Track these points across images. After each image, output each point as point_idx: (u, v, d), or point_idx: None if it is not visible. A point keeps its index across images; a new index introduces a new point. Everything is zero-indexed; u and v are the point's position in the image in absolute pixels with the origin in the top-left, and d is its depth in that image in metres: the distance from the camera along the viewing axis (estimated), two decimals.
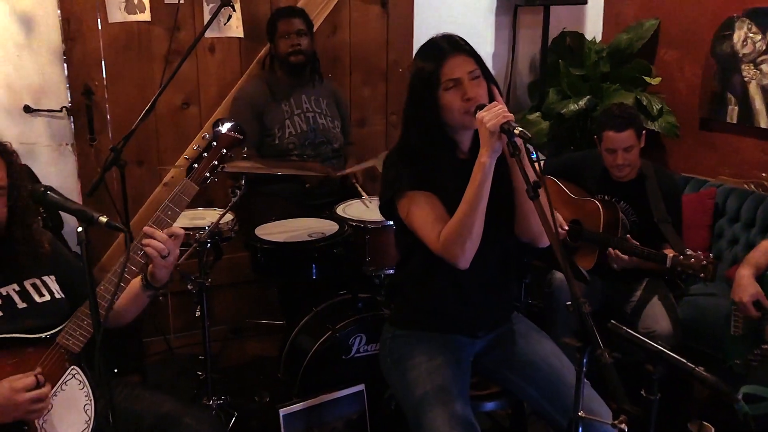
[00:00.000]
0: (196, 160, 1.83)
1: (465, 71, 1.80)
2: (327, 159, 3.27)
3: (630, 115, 2.80)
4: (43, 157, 3.21)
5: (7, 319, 1.70)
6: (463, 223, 1.74)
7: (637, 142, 2.78)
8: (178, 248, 1.76)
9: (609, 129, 2.77)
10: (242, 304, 3.77)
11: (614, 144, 2.77)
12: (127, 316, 1.89)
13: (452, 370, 1.88)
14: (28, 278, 1.80)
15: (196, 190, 1.82)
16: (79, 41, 3.13)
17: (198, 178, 1.82)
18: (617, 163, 2.80)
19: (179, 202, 1.78)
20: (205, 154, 1.84)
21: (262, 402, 2.88)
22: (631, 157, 2.79)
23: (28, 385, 1.59)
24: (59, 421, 1.67)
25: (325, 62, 3.59)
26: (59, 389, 1.69)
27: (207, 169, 1.83)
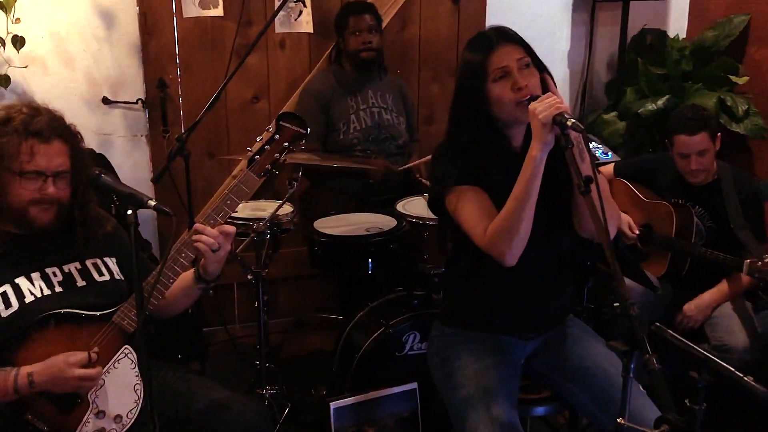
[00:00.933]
0: (258, 152, 1.85)
1: (514, 59, 1.73)
2: (391, 155, 3.25)
3: (703, 117, 2.63)
4: (119, 147, 3.33)
5: (66, 295, 1.77)
6: (511, 218, 1.67)
7: (711, 146, 2.62)
8: (229, 244, 1.79)
9: (681, 132, 2.62)
10: (305, 298, 3.81)
11: (687, 148, 2.63)
12: (178, 306, 1.93)
13: (500, 372, 1.82)
14: (90, 258, 1.86)
15: (257, 182, 1.84)
16: (155, 35, 3.23)
17: (259, 170, 1.84)
18: (691, 168, 2.65)
19: (239, 192, 1.81)
20: (267, 146, 1.86)
21: (318, 395, 2.89)
22: (705, 161, 2.63)
23: (81, 360, 1.64)
24: (111, 397, 1.72)
25: (394, 58, 3.57)
26: (112, 367, 1.73)
27: (268, 162, 1.85)
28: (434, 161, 1.91)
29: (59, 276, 1.80)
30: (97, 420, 1.71)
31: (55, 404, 1.67)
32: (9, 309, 1.69)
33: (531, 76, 1.74)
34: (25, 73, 3.08)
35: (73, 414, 1.69)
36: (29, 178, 1.70)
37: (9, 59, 2.98)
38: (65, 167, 1.76)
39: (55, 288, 1.77)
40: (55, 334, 1.70)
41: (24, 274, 1.75)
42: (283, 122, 1.86)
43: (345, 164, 2.97)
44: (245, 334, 3.56)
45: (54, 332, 1.70)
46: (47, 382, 1.62)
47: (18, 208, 1.72)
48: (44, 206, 1.74)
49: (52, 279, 1.78)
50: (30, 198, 1.71)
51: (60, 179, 1.75)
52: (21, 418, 1.65)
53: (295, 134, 1.87)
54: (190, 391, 1.89)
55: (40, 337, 1.68)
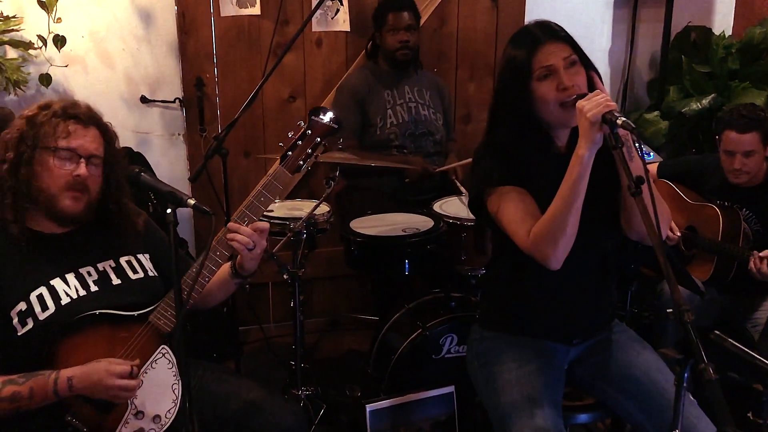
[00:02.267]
0: (291, 148, 1.82)
1: (560, 57, 1.67)
2: (428, 153, 3.21)
3: (757, 118, 2.54)
4: (156, 145, 3.35)
5: (102, 294, 1.76)
6: (556, 219, 1.62)
7: (761, 148, 2.53)
8: (264, 241, 1.78)
9: (730, 129, 2.54)
10: (341, 298, 3.79)
11: (734, 146, 2.54)
12: (215, 299, 1.93)
13: (544, 377, 1.77)
14: (123, 255, 1.86)
15: (289, 178, 1.81)
16: (192, 34, 3.24)
17: (291, 166, 1.81)
18: (734, 168, 2.57)
19: (272, 189, 1.78)
20: (299, 142, 1.83)
21: (353, 396, 2.86)
22: (750, 163, 2.54)
23: (123, 372, 1.63)
24: (149, 397, 1.71)
25: (431, 56, 3.54)
26: (149, 367, 1.72)
27: (301, 158, 1.81)
28: (475, 161, 1.86)
29: (94, 275, 1.79)
30: (136, 420, 1.70)
31: (94, 405, 1.66)
32: (46, 312, 1.68)
33: (577, 74, 1.68)
34: (66, 72, 3.12)
35: (112, 415, 1.68)
36: (62, 157, 1.70)
37: (50, 58, 3.02)
38: (99, 153, 1.76)
39: (90, 288, 1.76)
40: (93, 336, 1.69)
41: (59, 275, 1.74)
42: (315, 117, 1.83)
43: (382, 163, 2.94)
44: (280, 333, 3.56)
45: (91, 334, 1.69)
46: (86, 388, 1.62)
47: (50, 194, 1.70)
48: (75, 194, 1.72)
49: (87, 279, 1.77)
50: (63, 182, 1.70)
51: (93, 165, 1.75)
52: (61, 418, 1.64)
53: (328, 129, 1.83)
54: (227, 392, 1.88)
55: (77, 339, 1.68)
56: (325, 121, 1.83)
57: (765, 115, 2.59)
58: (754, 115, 2.55)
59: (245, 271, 1.82)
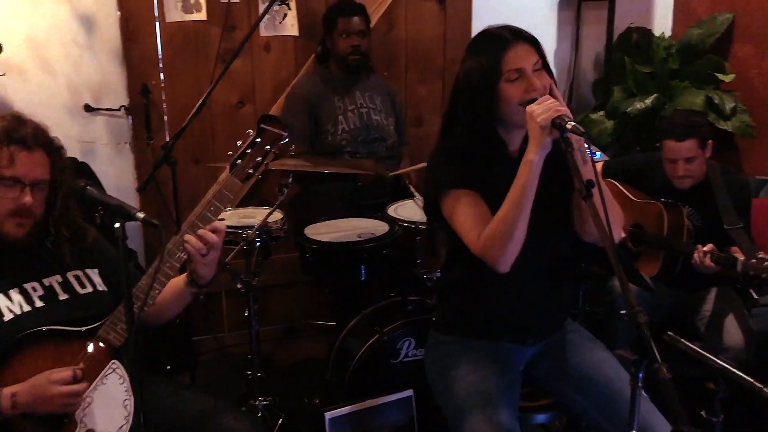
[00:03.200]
0: (240, 157, 1.80)
1: (530, 63, 1.70)
2: (380, 158, 3.21)
3: (694, 124, 2.60)
4: (102, 155, 3.26)
5: (48, 309, 1.71)
6: (504, 223, 1.64)
7: (700, 153, 2.60)
8: (219, 245, 1.73)
9: (669, 137, 2.60)
10: (296, 304, 3.76)
11: (674, 154, 2.61)
12: (169, 312, 1.88)
13: (500, 380, 1.79)
14: (71, 270, 1.80)
15: (239, 186, 1.78)
16: (137, 41, 3.17)
17: (241, 174, 1.78)
18: (677, 174, 2.64)
19: (222, 198, 1.75)
20: (248, 150, 1.80)
21: (311, 404, 2.84)
22: (693, 168, 2.62)
23: (65, 378, 1.59)
24: (99, 415, 1.66)
25: (381, 60, 3.54)
26: (99, 383, 1.68)
27: (250, 166, 1.79)
28: (430, 165, 1.86)
29: (39, 290, 1.74)
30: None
31: (42, 425, 1.61)
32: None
33: (543, 78, 1.71)
34: (2, 81, 3.00)
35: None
36: (6, 185, 1.65)
37: None
38: (45, 178, 1.71)
39: (35, 304, 1.71)
40: (39, 353, 1.64)
41: (2, 291, 1.69)
42: (264, 125, 1.81)
43: (335, 169, 2.92)
44: (235, 342, 3.51)
45: (38, 351, 1.64)
46: (31, 402, 1.56)
47: None
48: (20, 220, 1.68)
49: (32, 294, 1.72)
50: (6, 210, 1.65)
51: (38, 191, 1.70)
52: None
53: (277, 136, 1.81)
54: (182, 406, 1.84)
55: (23, 357, 1.62)
56: (274, 129, 1.81)
57: (700, 120, 2.66)
58: (689, 122, 2.61)
59: (201, 279, 1.76)
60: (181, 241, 1.70)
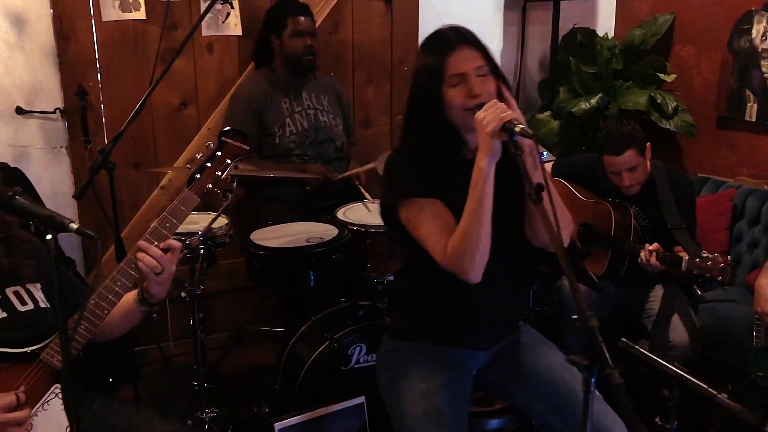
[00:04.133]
0: (199, 170, 1.73)
1: (472, 66, 1.67)
2: (329, 160, 3.15)
3: (627, 135, 2.60)
4: (37, 159, 3.12)
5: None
6: (468, 235, 1.61)
7: (641, 160, 2.63)
8: (174, 264, 1.66)
9: (607, 153, 2.63)
10: (244, 311, 3.68)
11: (616, 167, 2.64)
12: (119, 330, 1.79)
13: (450, 392, 1.75)
14: (11, 286, 1.69)
15: (197, 202, 1.72)
16: (72, 40, 3.04)
17: (199, 190, 1.72)
18: (624, 185, 2.67)
19: (178, 214, 1.68)
20: (208, 164, 1.74)
21: (261, 413, 2.77)
22: (637, 175, 2.65)
23: (9, 404, 1.49)
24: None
25: (327, 61, 3.48)
26: (41, 408, 1.58)
27: (210, 180, 1.74)
28: (388, 170, 1.81)
29: None
30: None
31: None
32: None
33: (486, 82, 1.68)
34: None
35: None
36: None
37: None
38: None
39: None
40: None
41: None
42: (226, 138, 1.75)
43: (281, 173, 2.85)
44: (181, 351, 3.40)
45: None
46: None
47: None
48: None
49: None
50: None
51: None
52: None
53: (240, 151, 1.77)
54: (125, 424, 1.75)
55: None
56: (236, 143, 1.76)
57: (633, 128, 2.64)
58: (623, 133, 2.60)
59: (152, 297, 1.69)
60: (133, 258, 1.62)
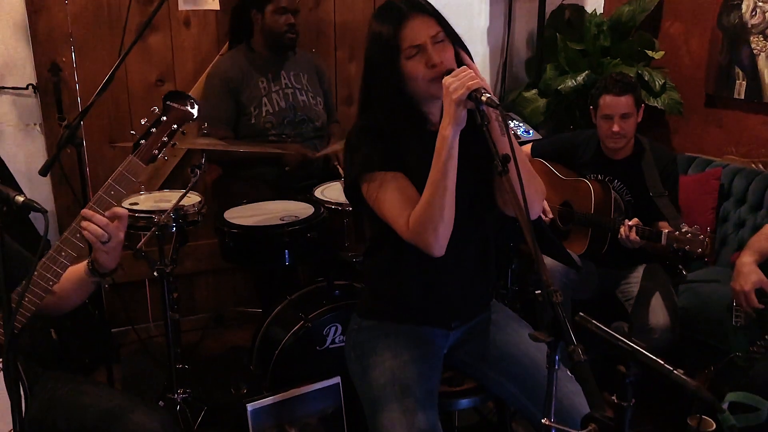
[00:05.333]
0: (144, 136, 1.67)
1: (428, 35, 1.61)
2: (308, 139, 3.08)
3: (630, 82, 2.63)
4: (10, 137, 3.05)
5: None
6: (431, 206, 1.55)
7: (635, 111, 2.61)
8: (122, 232, 1.60)
9: (607, 93, 2.60)
10: (226, 291, 3.64)
11: (612, 109, 2.59)
12: (70, 301, 1.73)
13: (418, 368, 1.71)
14: None
15: (142, 168, 1.65)
16: (43, 14, 2.96)
17: (145, 156, 1.65)
18: (612, 131, 2.61)
19: (124, 181, 1.62)
20: (153, 129, 1.67)
21: (239, 394, 2.74)
22: (627, 126, 2.61)
23: None
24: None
25: (309, 37, 3.42)
26: None
27: (155, 146, 1.66)
28: (348, 146, 1.76)
29: None
30: None
31: None
32: None
33: (444, 50, 1.62)
34: None
35: None
36: None
37: None
38: None
39: None
40: None
41: None
42: (170, 102, 1.68)
43: (252, 149, 2.78)
44: (160, 333, 3.36)
45: None
46: None
47: None
48: None
49: None
50: None
51: None
52: None
53: (185, 114, 1.69)
54: (84, 402, 1.71)
55: None
56: (181, 106, 1.69)
57: (635, 81, 2.70)
58: (626, 79, 2.64)
59: (102, 267, 1.63)
60: (77, 228, 1.56)
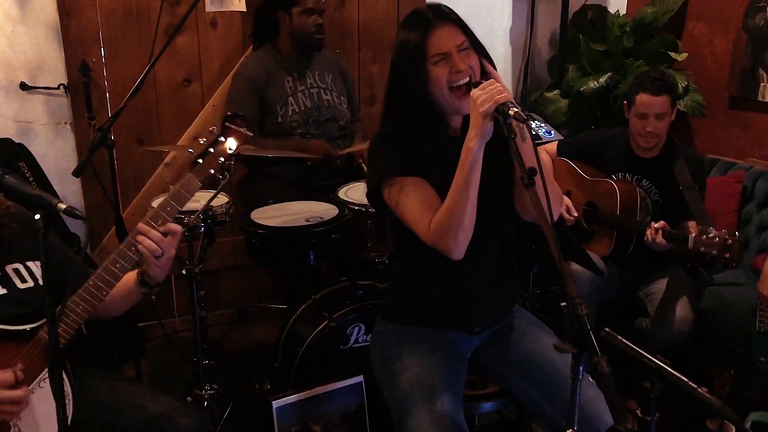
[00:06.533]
0: (202, 155, 1.71)
1: (453, 44, 1.65)
2: (332, 138, 3.13)
3: (668, 82, 2.61)
4: (41, 136, 3.12)
5: None
6: (453, 211, 1.60)
7: (670, 111, 2.59)
8: (174, 248, 1.67)
9: (645, 91, 2.58)
10: (249, 287, 3.69)
11: (647, 108, 2.58)
12: (116, 309, 1.81)
13: (445, 371, 1.75)
14: (11, 263, 1.70)
15: (198, 187, 1.71)
16: (75, 16, 3.02)
17: (202, 175, 1.71)
18: (646, 131, 2.60)
19: (180, 198, 1.67)
20: (211, 149, 1.73)
21: (263, 389, 2.79)
22: (661, 126, 2.59)
23: (6, 381, 1.51)
24: (34, 419, 1.58)
25: (333, 37, 3.45)
26: (37, 386, 1.59)
27: (213, 166, 1.72)
28: (372, 151, 1.80)
29: None
30: None
31: None
32: None
33: (469, 57, 1.67)
34: None
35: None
36: None
37: None
38: None
39: None
40: None
41: None
42: (229, 123, 1.74)
43: (282, 152, 2.83)
44: (185, 327, 3.43)
45: None
46: None
47: None
48: None
49: None
50: None
51: None
52: None
53: (244, 137, 1.76)
54: (119, 400, 1.77)
55: None
56: (240, 129, 1.74)
57: (674, 80, 2.67)
58: (665, 78, 2.62)
59: (152, 280, 1.71)
60: (133, 241, 1.63)
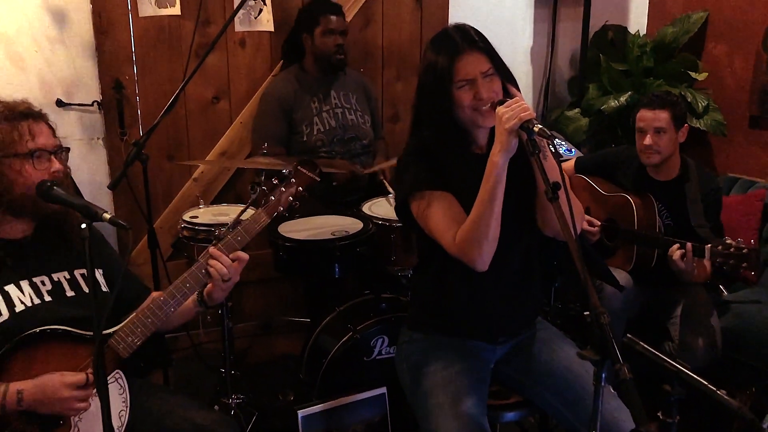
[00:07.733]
0: (273, 192, 1.90)
1: (479, 71, 1.72)
2: (356, 155, 3.20)
3: (669, 98, 2.62)
4: (75, 150, 3.16)
5: (55, 305, 1.73)
6: (478, 224, 1.66)
7: (671, 128, 2.59)
8: (239, 274, 1.81)
9: (643, 107, 2.63)
10: (272, 301, 3.75)
11: (645, 123, 2.60)
12: (170, 325, 1.91)
13: (469, 378, 1.80)
14: (78, 268, 1.82)
15: (267, 222, 1.88)
16: (110, 35, 3.13)
17: (271, 210, 1.90)
18: (645, 145, 2.61)
19: (251, 229, 1.86)
20: (282, 188, 1.91)
21: (286, 401, 2.85)
22: (661, 142, 2.59)
23: (78, 382, 1.60)
24: (94, 421, 1.65)
25: (357, 57, 3.53)
26: None
27: (281, 204, 1.90)
28: (400, 166, 1.88)
29: (48, 285, 1.75)
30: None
31: (37, 424, 1.61)
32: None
33: (492, 83, 1.74)
34: None
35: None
36: (38, 157, 1.68)
37: None
38: (59, 143, 1.76)
39: (44, 297, 1.73)
40: (48, 352, 1.65)
41: (13, 281, 1.70)
42: (301, 167, 1.92)
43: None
44: (210, 339, 3.49)
45: (47, 349, 1.65)
46: (38, 401, 1.57)
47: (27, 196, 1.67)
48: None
49: (40, 288, 1.74)
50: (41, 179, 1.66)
51: (61, 156, 1.74)
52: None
53: (312, 182, 1.96)
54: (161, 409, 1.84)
55: (31, 353, 1.63)
56: (310, 174, 1.94)
57: (677, 99, 2.66)
58: (666, 95, 2.65)
59: (212, 301, 1.83)
60: (204, 264, 1.76)
